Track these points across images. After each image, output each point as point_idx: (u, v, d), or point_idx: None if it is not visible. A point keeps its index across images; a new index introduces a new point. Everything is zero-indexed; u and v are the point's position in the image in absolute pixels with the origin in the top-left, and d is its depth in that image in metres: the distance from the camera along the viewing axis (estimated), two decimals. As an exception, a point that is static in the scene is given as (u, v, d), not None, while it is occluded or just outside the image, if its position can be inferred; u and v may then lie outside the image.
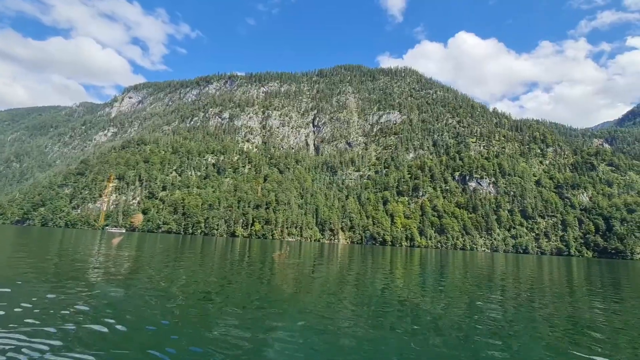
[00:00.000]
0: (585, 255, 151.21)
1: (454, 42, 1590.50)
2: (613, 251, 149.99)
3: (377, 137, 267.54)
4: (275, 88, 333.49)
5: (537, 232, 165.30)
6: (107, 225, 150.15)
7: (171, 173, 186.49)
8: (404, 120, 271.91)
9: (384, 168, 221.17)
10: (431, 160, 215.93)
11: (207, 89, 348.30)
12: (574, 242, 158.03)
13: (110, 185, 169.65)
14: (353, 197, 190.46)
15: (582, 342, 9.08)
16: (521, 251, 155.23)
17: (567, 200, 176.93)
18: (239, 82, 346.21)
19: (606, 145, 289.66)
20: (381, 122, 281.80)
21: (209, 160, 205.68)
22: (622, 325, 11.38)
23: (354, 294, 15.44)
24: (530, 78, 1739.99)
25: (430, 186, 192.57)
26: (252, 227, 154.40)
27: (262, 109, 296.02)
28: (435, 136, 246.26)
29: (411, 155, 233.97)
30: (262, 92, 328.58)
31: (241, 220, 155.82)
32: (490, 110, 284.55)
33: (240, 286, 16.04)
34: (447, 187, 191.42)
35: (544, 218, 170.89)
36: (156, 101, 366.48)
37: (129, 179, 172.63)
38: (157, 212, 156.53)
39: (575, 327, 10.88)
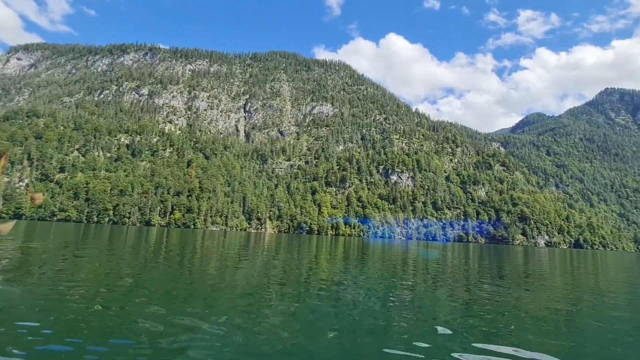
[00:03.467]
0: (479, 241, 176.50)
1: (384, 42, 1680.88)
2: (500, 238, 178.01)
3: (309, 128, 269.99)
4: (204, 67, 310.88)
5: (444, 221, 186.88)
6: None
7: (72, 153, 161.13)
8: (336, 113, 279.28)
9: (315, 159, 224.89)
10: (359, 153, 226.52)
11: (122, 59, 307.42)
12: (472, 230, 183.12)
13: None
14: (282, 186, 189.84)
15: (474, 316, 9.92)
16: (431, 239, 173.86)
17: (469, 194, 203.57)
18: (162, 55, 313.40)
19: (501, 149, 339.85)
20: (314, 113, 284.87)
21: (122, 140, 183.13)
22: (504, 302, 12.88)
23: (281, 284, 14.75)
24: (447, 84, 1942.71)
25: (356, 178, 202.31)
26: (172, 216, 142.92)
27: (187, 89, 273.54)
28: (364, 131, 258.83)
29: (341, 147, 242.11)
30: (189, 70, 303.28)
31: (158, 207, 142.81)
32: (413, 110, 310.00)
33: (156, 279, 14.05)
34: (372, 180, 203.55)
35: (450, 209, 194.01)
36: (55, 67, 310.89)
37: (14, 157, 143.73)
38: (51, 197, 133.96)
39: (469, 304, 11.94)
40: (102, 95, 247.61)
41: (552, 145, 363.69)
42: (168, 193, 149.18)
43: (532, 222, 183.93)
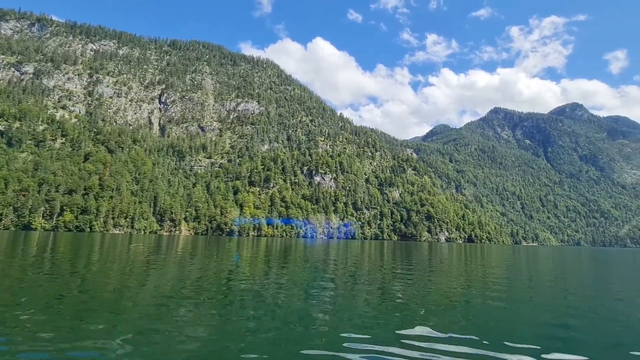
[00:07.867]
0: (393, 239, 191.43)
1: (312, 46, 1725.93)
2: (410, 235, 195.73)
3: (233, 125, 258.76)
4: (111, 49, 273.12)
5: (362, 221, 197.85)
6: None
7: None
8: (262, 111, 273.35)
9: (238, 157, 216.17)
10: (284, 153, 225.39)
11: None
12: (387, 228, 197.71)
13: None
14: (201, 185, 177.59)
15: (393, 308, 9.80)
16: (350, 237, 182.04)
17: (385, 196, 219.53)
18: (55, 29, 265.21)
19: (414, 155, 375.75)
20: (239, 110, 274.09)
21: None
22: (414, 291, 13.99)
23: (197, 292, 12.92)
24: (370, 93, 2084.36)
25: (281, 178, 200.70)
26: (61, 217, 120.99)
27: (88, 71, 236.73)
28: (290, 131, 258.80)
29: (266, 147, 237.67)
30: (90, 50, 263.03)
31: (42, 208, 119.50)
32: (338, 114, 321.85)
33: (40, 297, 10.96)
34: (296, 180, 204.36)
35: (369, 210, 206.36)
36: None
37: None
38: None
39: (385, 297, 12.79)
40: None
41: (454, 153, 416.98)
42: (57, 191, 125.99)
43: (436, 221, 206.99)
